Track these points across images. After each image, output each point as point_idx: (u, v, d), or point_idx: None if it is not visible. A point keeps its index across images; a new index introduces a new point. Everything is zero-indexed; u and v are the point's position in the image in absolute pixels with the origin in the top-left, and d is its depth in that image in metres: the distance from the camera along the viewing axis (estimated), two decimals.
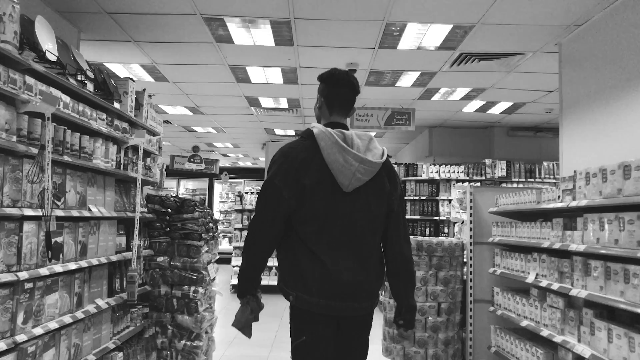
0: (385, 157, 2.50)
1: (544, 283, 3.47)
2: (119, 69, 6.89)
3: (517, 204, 4.08)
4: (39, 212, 2.65)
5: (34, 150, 2.61)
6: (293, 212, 2.42)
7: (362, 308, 2.44)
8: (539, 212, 4.02)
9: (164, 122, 10.74)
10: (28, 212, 2.60)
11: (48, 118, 2.59)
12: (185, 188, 19.90)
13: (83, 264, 3.20)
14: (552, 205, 3.43)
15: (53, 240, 2.87)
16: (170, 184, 19.13)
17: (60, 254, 2.97)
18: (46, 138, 2.59)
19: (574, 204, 3.11)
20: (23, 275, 2.53)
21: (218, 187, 19.76)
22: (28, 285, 2.62)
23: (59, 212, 2.93)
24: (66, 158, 3.01)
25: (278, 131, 12.03)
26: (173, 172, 14.95)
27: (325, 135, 2.42)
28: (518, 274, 3.98)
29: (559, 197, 3.40)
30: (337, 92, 2.61)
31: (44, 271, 2.71)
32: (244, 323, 2.52)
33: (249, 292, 2.51)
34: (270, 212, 2.41)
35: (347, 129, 2.54)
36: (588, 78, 4.64)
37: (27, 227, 2.61)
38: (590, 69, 4.61)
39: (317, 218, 2.39)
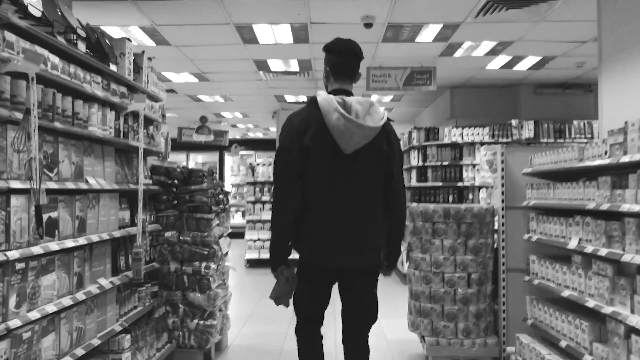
0: (384, 121, 2.77)
1: (589, 249, 3.24)
2: (117, 33, 6.65)
3: (555, 162, 3.83)
4: (28, 185, 2.46)
5: (19, 116, 2.41)
6: (301, 175, 2.72)
7: (363, 260, 2.79)
8: (579, 172, 3.76)
9: (168, 91, 10.52)
10: (15, 184, 2.41)
11: (32, 79, 2.38)
12: (195, 162, 19.82)
13: (82, 240, 3.03)
14: (597, 162, 3.17)
15: (46, 215, 2.70)
16: (179, 157, 19.03)
17: (55, 230, 2.80)
18: (31, 101, 2.39)
19: (625, 159, 2.86)
20: (13, 254, 2.35)
21: (229, 159, 19.63)
22: (20, 266, 2.45)
23: (52, 185, 2.74)
24: (57, 124, 2.81)
25: (289, 98, 11.76)
26: (182, 145, 14.81)
27: (327, 102, 2.70)
28: (557, 239, 3.75)
29: (605, 152, 3.14)
30: (341, 60, 2.88)
31: (37, 250, 2.54)
32: (280, 292, 2.83)
33: (281, 263, 2.83)
34: (287, 174, 2.73)
35: (351, 95, 2.83)
36: (634, 23, 4.31)
37: (15, 201, 2.43)
38: (637, 13, 4.27)
39: (320, 179, 2.73)
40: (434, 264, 4.46)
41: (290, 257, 2.86)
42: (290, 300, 2.93)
